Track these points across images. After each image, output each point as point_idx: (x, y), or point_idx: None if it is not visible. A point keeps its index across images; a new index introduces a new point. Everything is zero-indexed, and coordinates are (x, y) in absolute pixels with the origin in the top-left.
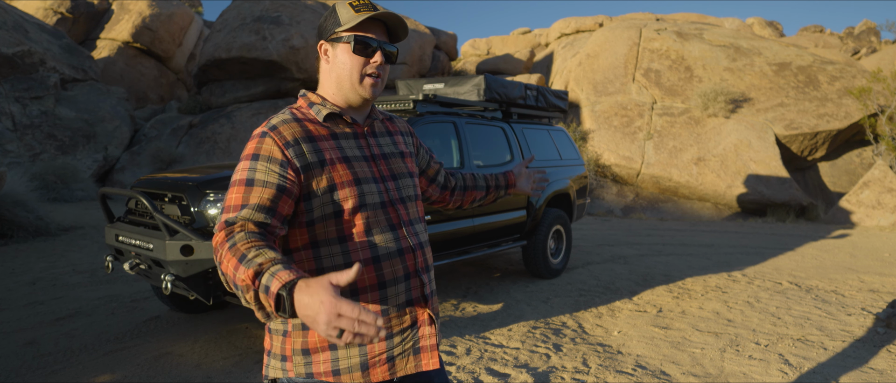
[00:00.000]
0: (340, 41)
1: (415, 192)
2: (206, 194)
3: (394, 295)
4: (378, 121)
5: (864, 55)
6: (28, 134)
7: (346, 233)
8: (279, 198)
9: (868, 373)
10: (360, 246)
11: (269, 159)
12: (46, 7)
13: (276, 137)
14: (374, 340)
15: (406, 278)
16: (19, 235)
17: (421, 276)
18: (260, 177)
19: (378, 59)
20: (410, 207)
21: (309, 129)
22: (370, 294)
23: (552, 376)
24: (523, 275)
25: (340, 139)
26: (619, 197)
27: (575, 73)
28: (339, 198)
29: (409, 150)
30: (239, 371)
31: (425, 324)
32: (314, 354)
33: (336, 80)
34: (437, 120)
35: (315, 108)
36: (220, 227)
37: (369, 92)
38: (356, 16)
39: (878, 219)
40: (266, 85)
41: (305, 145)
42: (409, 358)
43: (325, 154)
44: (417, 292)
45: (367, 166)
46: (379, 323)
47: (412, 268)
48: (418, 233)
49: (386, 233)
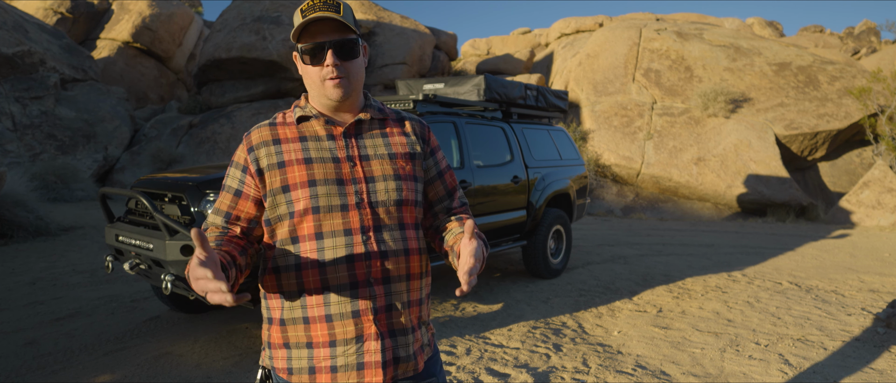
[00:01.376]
0: (296, 52)
1: (399, 196)
2: (205, 194)
3: (337, 303)
4: (372, 121)
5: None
6: (28, 134)
7: (298, 235)
8: (236, 201)
9: (868, 373)
10: (309, 248)
11: (236, 165)
12: (46, 7)
13: (245, 143)
14: (225, 298)
15: (352, 287)
16: (19, 235)
17: (371, 287)
18: (227, 183)
19: (330, 62)
20: (383, 212)
21: (278, 133)
22: (315, 297)
23: (552, 376)
24: (523, 275)
25: (309, 140)
26: (619, 197)
27: (575, 73)
28: (291, 199)
29: (410, 151)
30: (239, 371)
31: (371, 339)
32: (274, 349)
33: (308, 87)
34: (437, 120)
35: (296, 111)
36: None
37: (334, 93)
38: (301, 22)
39: (878, 219)
40: (266, 85)
41: (266, 148)
42: (352, 373)
43: (285, 155)
44: (365, 304)
45: (332, 168)
46: (212, 285)
47: (362, 277)
48: (385, 240)
49: (337, 238)
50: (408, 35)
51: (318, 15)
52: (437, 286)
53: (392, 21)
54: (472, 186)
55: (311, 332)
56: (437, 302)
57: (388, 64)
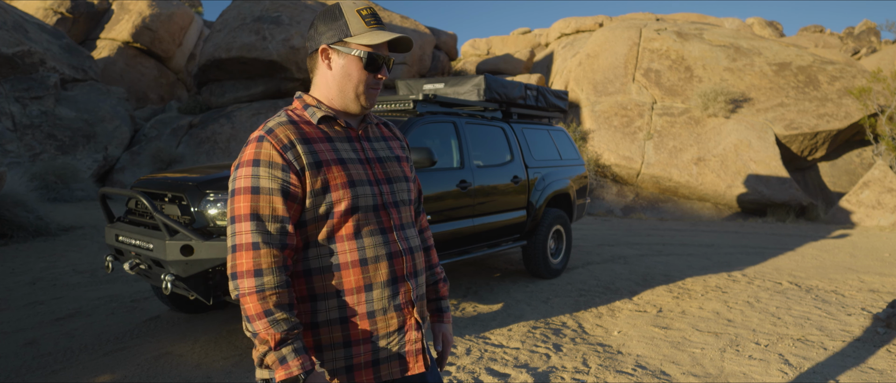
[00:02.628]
0: (350, 53)
1: (409, 197)
2: (206, 194)
3: (380, 299)
4: (372, 125)
5: (864, 55)
6: (28, 134)
7: (337, 235)
8: (288, 203)
9: (868, 373)
10: (349, 248)
11: (270, 164)
12: (46, 7)
13: (273, 141)
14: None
15: (393, 282)
16: (19, 235)
17: (409, 281)
18: (264, 184)
19: (384, 76)
20: (403, 211)
21: (304, 131)
22: (356, 295)
23: (552, 376)
24: (523, 275)
25: (335, 141)
26: (619, 197)
27: (575, 73)
28: (332, 200)
29: (405, 155)
30: (239, 371)
31: (412, 329)
32: None
33: (338, 88)
34: (437, 120)
35: (310, 110)
36: (247, 246)
37: (368, 103)
38: (367, 30)
39: (878, 219)
40: (266, 85)
41: (301, 147)
42: (394, 363)
43: (321, 155)
44: (405, 297)
45: (361, 169)
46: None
47: (400, 273)
48: (409, 237)
49: (376, 236)
50: (408, 35)
51: (399, 37)
52: None
53: (392, 21)
54: (472, 186)
55: (349, 331)
56: None
57: None
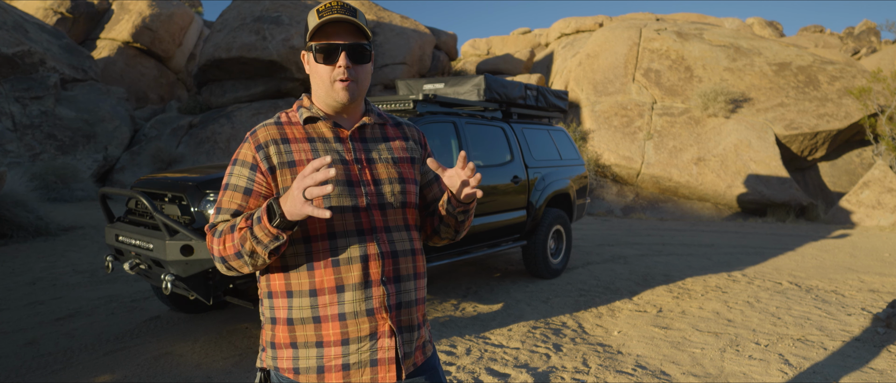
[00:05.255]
0: (310, 50)
1: (403, 199)
2: (206, 194)
3: (352, 301)
4: (374, 125)
5: (864, 55)
6: (28, 134)
7: (311, 234)
8: (246, 199)
9: (868, 373)
10: (322, 247)
11: (242, 163)
12: (46, 7)
13: (252, 141)
14: (328, 184)
15: (366, 286)
16: (19, 235)
17: (386, 286)
18: (233, 182)
19: (343, 63)
20: (390, 214)
21: (285, 132)
22: (328, 296)
23: (552, 376)
24: (523, 275)
25: (317, 142)
26: (619, 197)
27: (575, 73)
28: None
29: (411, 156)
30: (239, 371)
31: (384, 336)
32: (279, 349)
33: (316, 87)
34: (437, 120)
35: (301, 111)
36: (206, 230)
37: (343, 96)
38: (318, 22)
39: (878, 219)
40: (266, 85)
41: (275, 147)
42: (365, 370)
43: (296, 155)
44: (379, 302)
45: (343, 169)
46: (318, 163)
47: (376, 277)
48: (394, 241)
49: (351, 238)
50: (408, 35)
51: (337, 17)
52: (437, 286)
53: (392, 21)
54: None
55: (321, 331)
56: (437, 302)
57: (388, 64)
